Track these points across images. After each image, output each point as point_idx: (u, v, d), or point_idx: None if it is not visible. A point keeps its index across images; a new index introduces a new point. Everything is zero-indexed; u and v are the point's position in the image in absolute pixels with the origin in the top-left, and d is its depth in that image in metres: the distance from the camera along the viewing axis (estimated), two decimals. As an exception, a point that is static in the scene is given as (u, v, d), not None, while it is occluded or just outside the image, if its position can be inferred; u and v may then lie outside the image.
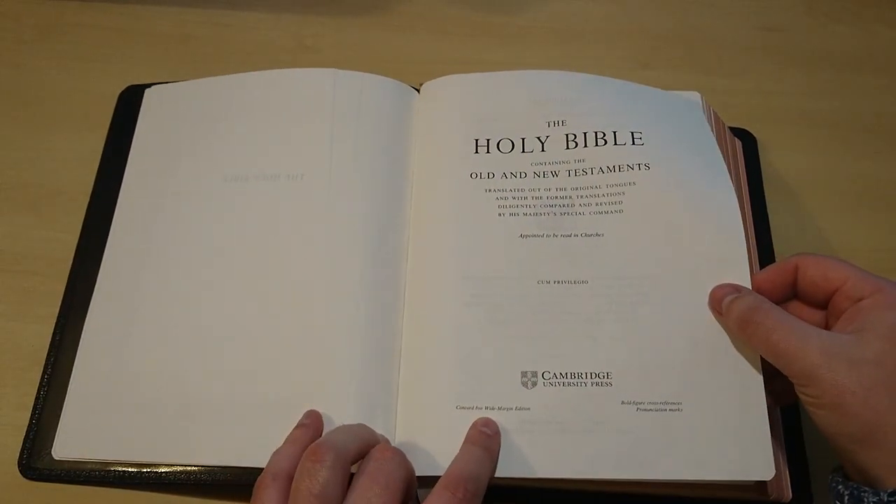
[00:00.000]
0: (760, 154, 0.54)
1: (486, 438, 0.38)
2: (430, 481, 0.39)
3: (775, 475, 0.38)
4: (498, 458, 0.38)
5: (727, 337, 0.39)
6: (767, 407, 0.39)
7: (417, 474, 0.39)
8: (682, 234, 0.42)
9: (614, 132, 0.46)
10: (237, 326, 0.43)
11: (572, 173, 0.45)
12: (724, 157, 0.46)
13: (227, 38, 0.60)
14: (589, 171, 0.45)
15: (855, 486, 0.33)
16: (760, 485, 0.37)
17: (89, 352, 0.44)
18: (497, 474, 0.38)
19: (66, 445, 0.42)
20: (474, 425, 0.39)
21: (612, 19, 0.62)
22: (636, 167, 0.44)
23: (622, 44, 0.61)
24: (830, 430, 0.34)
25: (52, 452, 0.42)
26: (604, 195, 0.44)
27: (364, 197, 0.46)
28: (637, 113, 0.47)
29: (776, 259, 0.49)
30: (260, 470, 0.40)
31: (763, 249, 0.48)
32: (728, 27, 0.61)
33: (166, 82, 0.52)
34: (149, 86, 0.53)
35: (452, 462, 0.36)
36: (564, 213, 0.44)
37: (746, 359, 0.39)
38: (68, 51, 0.59)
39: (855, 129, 0.57)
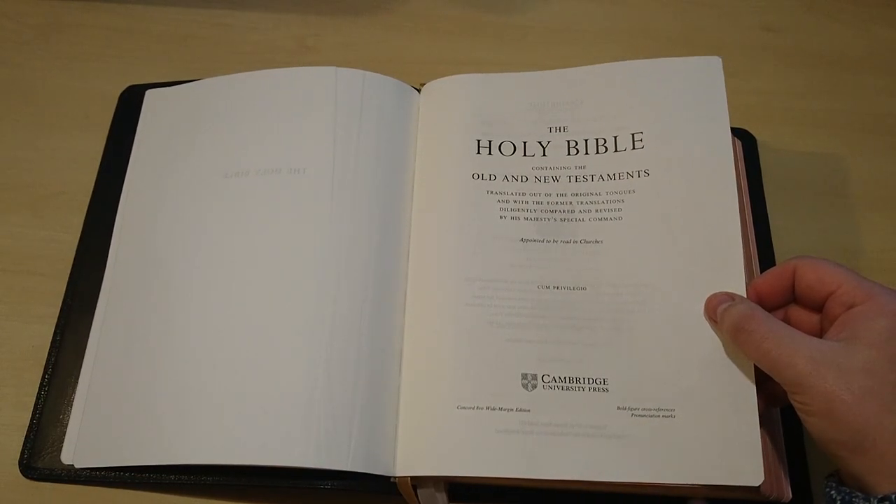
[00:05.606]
0: (760, 154, 0.54)
1: None
2: (432, 481, 0.40)
3: (776, 476, 0.39)
4: None
5: (721, 345, 0.39)
6: (767, 408, 0.39)
7: (419, 474, 0.39)
8: (680, 242, 0.42)
9: (615, 137, 0.46)
10: (240, 325, 0.43)
11: (573, 179, 0.45)
12: None
13: (227, 38, 0.60)
14: (589, 178, 0.45)
15: (847, 491, 0.33)
16: (756, 487, 0.37)
17: (99, 357, 0.44)
18: (497, 474, 0.38)
19: (83, 454, 0.41)
20: None
21: (612, 19, 0.62)
22: (636, 174, 0.44)
23: (622, 44, 0.60)
24: (822, 437, 0.34)
25: (74, 461, 0.42)
26: (604, 202, 0.44)
27: (367, 192, 0.46)
28: (643, 104, 0.46)
29: (776, 259, 0.49)
30: (260, 469, 0.40)
31: (763, 250, 0.48)
32: (728, 27, 0.61)
33: (166, 82, 0.52)
34: (149, 86, 0.53)
35: None
36: (564, 220, 0.44)
37: (739, 367, 0.39)
38: (68, 51, 0.58)
39: (855, 129, 0.57)
